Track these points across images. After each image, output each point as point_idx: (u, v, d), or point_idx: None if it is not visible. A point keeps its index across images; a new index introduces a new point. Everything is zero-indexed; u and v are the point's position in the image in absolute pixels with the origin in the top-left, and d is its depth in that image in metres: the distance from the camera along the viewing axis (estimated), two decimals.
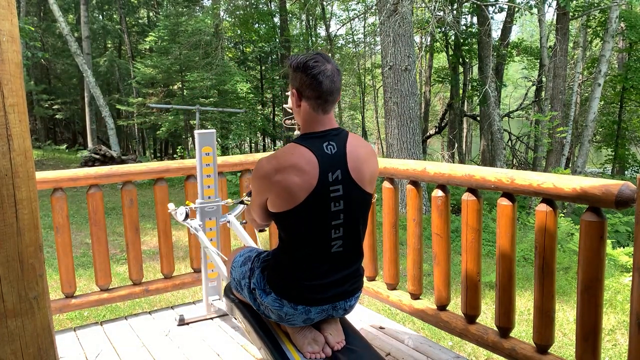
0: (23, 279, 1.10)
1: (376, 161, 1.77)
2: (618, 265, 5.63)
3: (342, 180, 1.64)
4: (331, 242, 1.67)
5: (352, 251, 1.73)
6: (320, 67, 1.61)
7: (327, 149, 1.63)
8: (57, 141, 22.15)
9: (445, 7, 10.33)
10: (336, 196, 1.64)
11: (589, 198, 1.80)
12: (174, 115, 14.28)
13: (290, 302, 1.69)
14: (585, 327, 1.85)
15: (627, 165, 15.76)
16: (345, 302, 1.76)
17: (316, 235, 1.65)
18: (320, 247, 1.66)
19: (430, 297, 2.70)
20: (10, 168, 1.08)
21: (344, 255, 1.70)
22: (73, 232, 6.63)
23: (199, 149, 2.75)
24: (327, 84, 1.61)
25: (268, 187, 1.63)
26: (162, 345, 2.58)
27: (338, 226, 1.66)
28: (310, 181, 1.58)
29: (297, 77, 1.64)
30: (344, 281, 1.73)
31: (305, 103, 1.65)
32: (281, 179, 1.58)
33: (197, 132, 2.73)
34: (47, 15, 20.07)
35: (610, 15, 9.94)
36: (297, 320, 1.72)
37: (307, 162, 1.59)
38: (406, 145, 8.02)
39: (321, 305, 1.70)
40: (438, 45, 17.38)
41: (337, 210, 1.64)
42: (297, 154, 1.61)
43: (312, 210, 1.61)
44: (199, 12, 17.78)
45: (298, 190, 1.58)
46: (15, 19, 1.10)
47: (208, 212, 2.79)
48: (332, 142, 1.65)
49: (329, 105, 1.66)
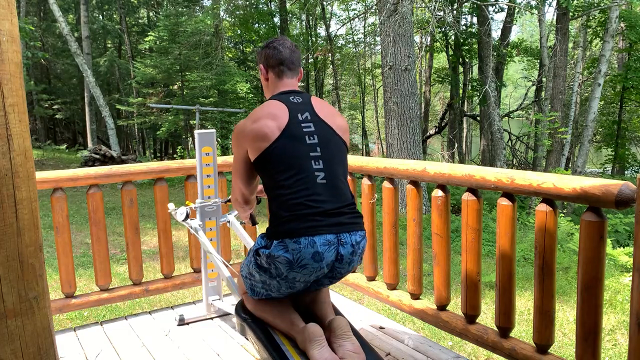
0: (23, 279, 1.10)
1: (342, 117, 2.00)
2: (618, 265, 5.63)
3: (312, 119, 1.86)
4: (315, 172, 1.79)
5: (338, 186, 1.83)
6: (279, 41, 1.98)
7: (293, 99, 1.90)
8: (57, 141, 22.16)
9: (445, 7, 10.33)
10: (309, 131, 1.84)
11: (589, 198, 1.80)
12: (174, 115, 14.28)
13: (292, 239, 1.73)
14: (585, 327, 1.85)
15: (627, 165, 15.76)
16: (350, 236, 1.79)
17: (299, 164, 1.78)
18: (306, 176, 1.77)
19: (430, 297, 2.70)
20: (10, 168, 1.08)
21: (329, 187, 1.80)
22: (73, 232, 6.63)
23: (199, 149, 2.75)
24: (287, 53, 1.96)
25: (246, 136, 1.84)
26: (162, 345, 2.58)
27: (317, 158, 1.81)
28: (282, 120, 1.82)
29: (262, 53, 1.99)
30: (339, 213, 1.79)
31: (271, 72, 1.98)
32: (256, 126, 1.82)
33: (197, 132, 2.74)
34: (47, 15, 20.07)
35: (610, 15, 9.94)
36: (307, 257, 1.72)
37: (277, 109, 1.85)
38: (406, 145, 8.02)
39: (323, 234, 1.74)
40: (438, 45, 17.38)
41: (312, 143, 1.82)
42: (267, 105, 1.88)
43: (289, 142, 1.80)
44: (198, 12, 17.77)
45: (273, 129, 1.80)
46: (15, 18, 1.10)
47: (208, 212, 2.79)
48: (297, 96, 1.92)
49: (292, 73, 1.98)
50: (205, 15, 16.35)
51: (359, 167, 2.79)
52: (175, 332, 2.73)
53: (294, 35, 19.44)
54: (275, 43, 1.97)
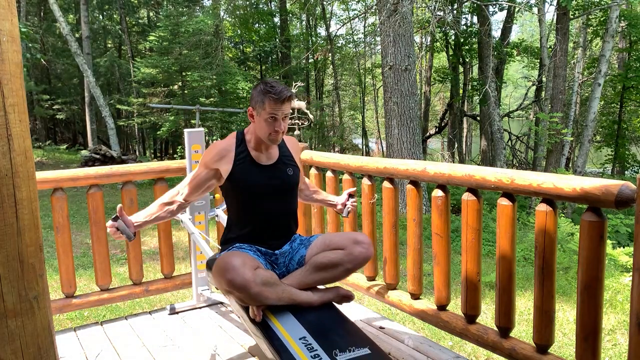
0: (23, 279, 1.10)
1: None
2: (618, 265, 5.63)
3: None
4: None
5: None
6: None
7: None
8: (57, 141, 22.15)
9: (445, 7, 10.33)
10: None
11: (589, 198, 1.80)
12: (175, 115, 14.27)
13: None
14: (585, 327, 1.85)
15: (627, 165, 15.74)
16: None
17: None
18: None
19: (430, 297, 2.70)
20: (10, 168, 1.08)
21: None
22: (73, 232, 6.63)
23: (188, 146, 2.90)
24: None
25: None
26: (162, 345, 2.58)
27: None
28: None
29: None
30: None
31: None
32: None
33: (186, 130, 2.89)
34: (48, 15, 20.06)
35: (611, 15, 9.94)
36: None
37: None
38: (406, 145, 8.02)
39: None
40: (438, 45, 17.37)
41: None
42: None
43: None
44: (199, 12, 17.78)
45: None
46: (15, 19, 1.10)
47: (197, 207, 2.94)
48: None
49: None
50: (206, 15, 16.35)
51: (359, 167, 2.79)
52: (175, 332, 2.73)
53: (294, 35, 19.44)
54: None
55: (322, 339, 1.90)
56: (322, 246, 2.16)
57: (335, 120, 20.44)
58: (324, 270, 2.09)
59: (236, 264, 1.93)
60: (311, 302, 2.08)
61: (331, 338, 1.92)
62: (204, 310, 3.01)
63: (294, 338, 1.91)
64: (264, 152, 2.19)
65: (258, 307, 2.00)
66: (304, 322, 2.00)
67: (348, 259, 2.07)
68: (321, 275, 2.09)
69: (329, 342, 1.89)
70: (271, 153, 2.21)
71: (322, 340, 1.90)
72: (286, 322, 1.99)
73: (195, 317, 2.92)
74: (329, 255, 2.10)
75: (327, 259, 2.09)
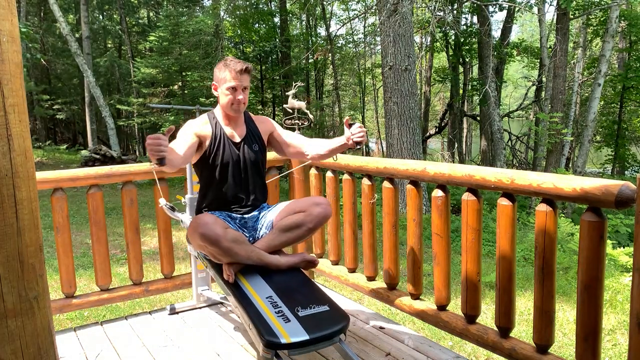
0: (23, 279, 1.10)
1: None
2: (618, 265, 5.63)
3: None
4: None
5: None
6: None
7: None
8: (57, 141, 22.15)
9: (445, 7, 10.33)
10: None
11: (589, 198, 1.80)
12: (175, 115, 14.27)
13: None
14: (585, 327, 1.85)
15: (627, 165, 15.74)
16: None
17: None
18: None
19: (430, 297, 2.70)
20: (11, 168, 1.08)
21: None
22: (73, 232, 6.63)
23: None
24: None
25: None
26: (162, 345, 2.58)
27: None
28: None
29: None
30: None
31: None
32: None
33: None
34: (48, 15, 20.06)
35: (611, 15, 9.94)
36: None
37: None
38: (406, 145, 8.02)
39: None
40: (438, 45, 17.37)
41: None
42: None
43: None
44: (199, 12, 17.77)
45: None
46: (15, 19, 1.10)
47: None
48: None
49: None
50: (206, 15, 16.35)
51: (359, 167, 2.79)
52: (175, 332, 2.73)
53: (294, 35, 19.43)
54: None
55: (286, 298, 2.12)
56: (287, 211, 2.39)
57: (335, 120, 20.44)
58: (289, 231, 2.33)
59: (208, 220, 2.19)
60: (279, 265, 2.32)
61: (294, 297, 2.14)
62: (204, 310, 3.01)
63: (261, 297, 2.12)
64: (234, 129, 2.44)
65: (229, 266, 2.25)
66: (271, 283, 2.23)
67: (309, 219, 2.31)
68: (287, 235, 2.33)
69: (293, 300, 2.11)
70: (241, 130, 2.46)
71: (286, 298, 2.11)
72: (255, 283, 2.22)
73: (195, 317, 2.92)
74: (292, 218, 2.34)
75: (291, 220, 2.33)
